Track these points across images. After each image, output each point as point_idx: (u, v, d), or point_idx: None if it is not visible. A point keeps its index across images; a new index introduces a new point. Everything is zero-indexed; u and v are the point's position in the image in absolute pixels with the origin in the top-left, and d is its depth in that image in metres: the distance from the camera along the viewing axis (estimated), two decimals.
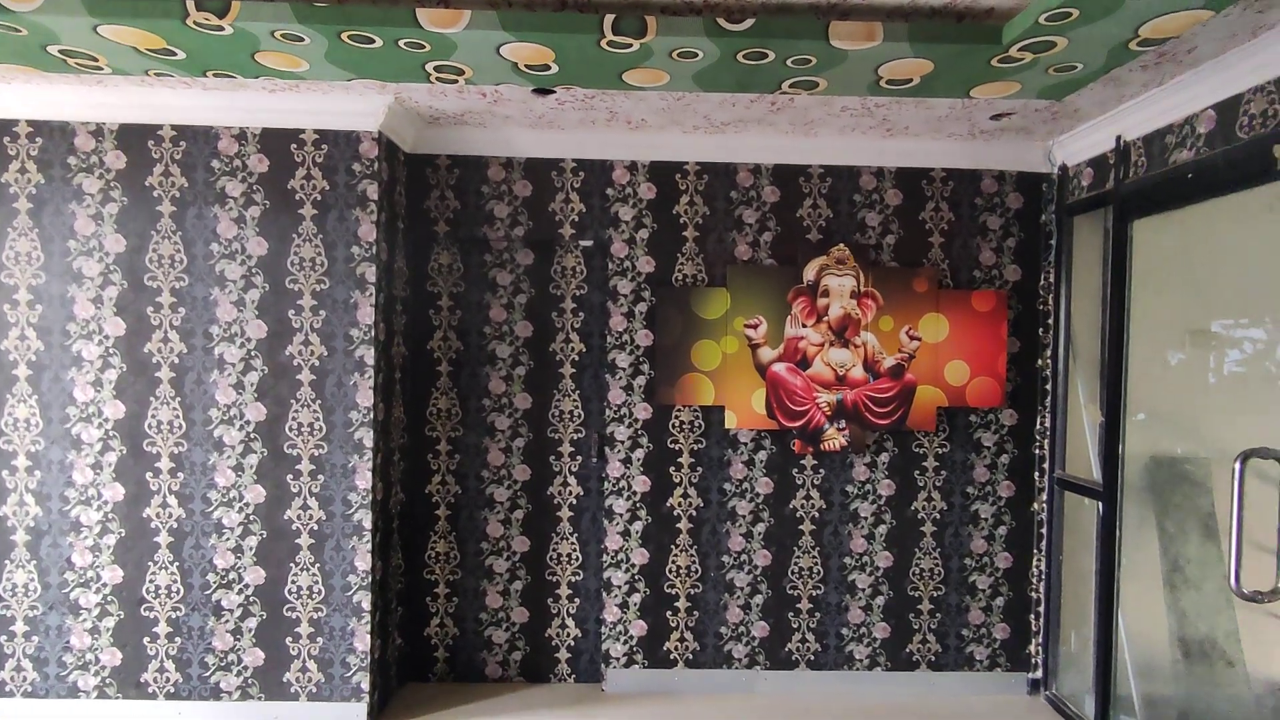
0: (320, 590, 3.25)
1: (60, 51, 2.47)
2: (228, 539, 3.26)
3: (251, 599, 3.25)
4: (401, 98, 3.14)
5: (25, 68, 2.70)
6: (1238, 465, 2.26)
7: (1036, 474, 3.73)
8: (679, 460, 3.68)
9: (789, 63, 2.38)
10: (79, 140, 3.23)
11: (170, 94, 3.12)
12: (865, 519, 3.71)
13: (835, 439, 3.61)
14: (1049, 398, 3.68)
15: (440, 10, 2.20)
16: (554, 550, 3.74)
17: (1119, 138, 3.13)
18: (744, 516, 3.69)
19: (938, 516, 3.72)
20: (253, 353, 3.25)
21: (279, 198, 3.24)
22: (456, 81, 2.67)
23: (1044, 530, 3.68)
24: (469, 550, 3.74)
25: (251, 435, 3.25)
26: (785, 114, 3.21)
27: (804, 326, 3.61)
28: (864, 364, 3.61)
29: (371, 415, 3.25)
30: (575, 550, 3.74)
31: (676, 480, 3.68)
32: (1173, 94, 2.76)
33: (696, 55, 2.35)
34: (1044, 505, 3.69)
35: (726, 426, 3.63)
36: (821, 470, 3.70)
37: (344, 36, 2.28)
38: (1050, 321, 3.69)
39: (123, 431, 3.25)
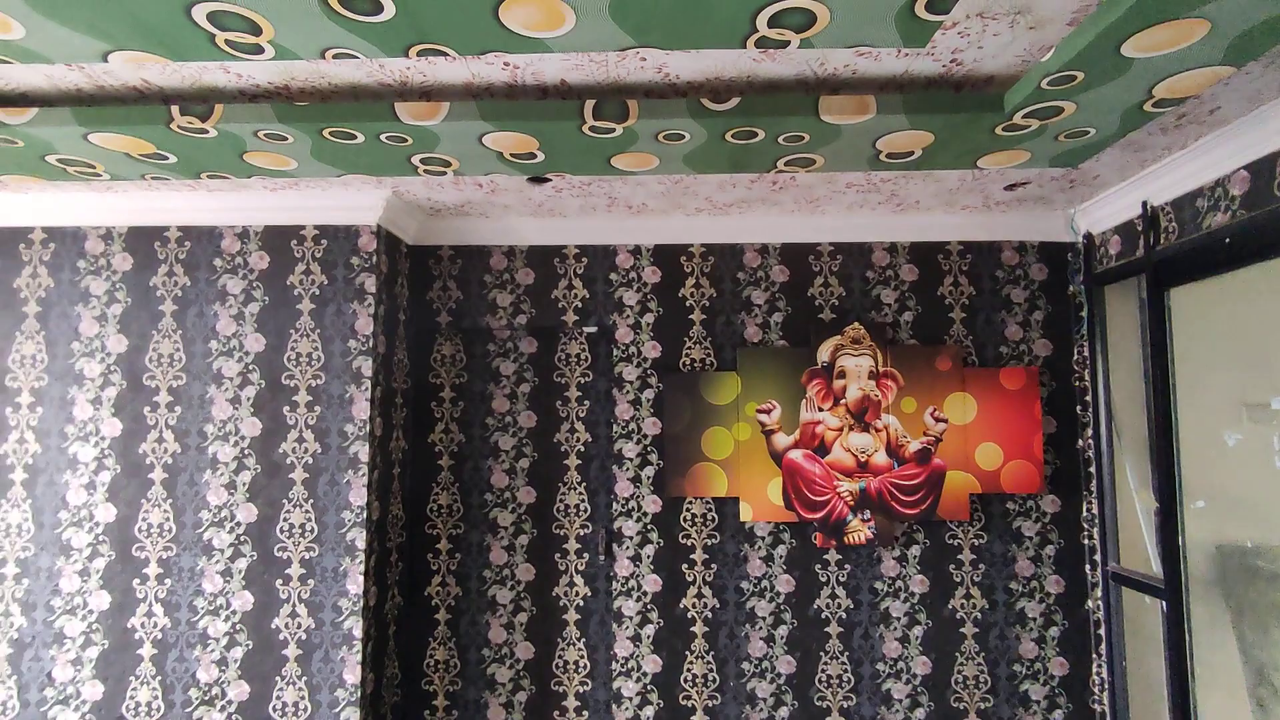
0: (307, 707, 3.02)
1: (59, 160, 2.51)
2: (213, 650, 3.07)
3: (234, 716, 3.03)
4: (399, 191, 3.14)
5: (32, 177, 2.76)
6: None
7: (1087, 567, 3.38)
8: (692, 557, 3.43)
9: (780, 140, 2.29)
10: (89, 244, 3.28)
11: (177, 196, 3.17)
12: (898, 619, 3.37)
13: (860, 531, 3.33)
14: (1094, 482, 3.37)
15: (419, 104, 2.18)
16: (560, 657, 3.47)
17: (1145, 203, 2.95)
18: (764, 618, 3.39)
19: (979, 616, 3.37)
20: (246, 451, 3.16)
21: (278, 293, 3.22)
22: (445, 173, 2.65)
23: (1102, 632, 3.30)
24: (470, 658, 3.48)
25: (242, 538, 3.12)
26: (789, 192, 3.12)
27: (820, 410, 3.40)
28: (887, 449, 3.36)
29: (365, 515, 3.10)
30: (583, 657, 3.46)
31: (690, 579, 3.42)
32: (1199, 155, 2.60)
33: (684, 137, 2.28)
34: (1099, 603, 3.32)
35: (742, 519, 3.39)
36: (847, 565, 3.40)
37: (326, 134, 2.26)
38: (1088, 399, 3.42)
39: (112, 536, 3.14)
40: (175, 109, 2.19)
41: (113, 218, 3.27)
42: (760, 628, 3.38)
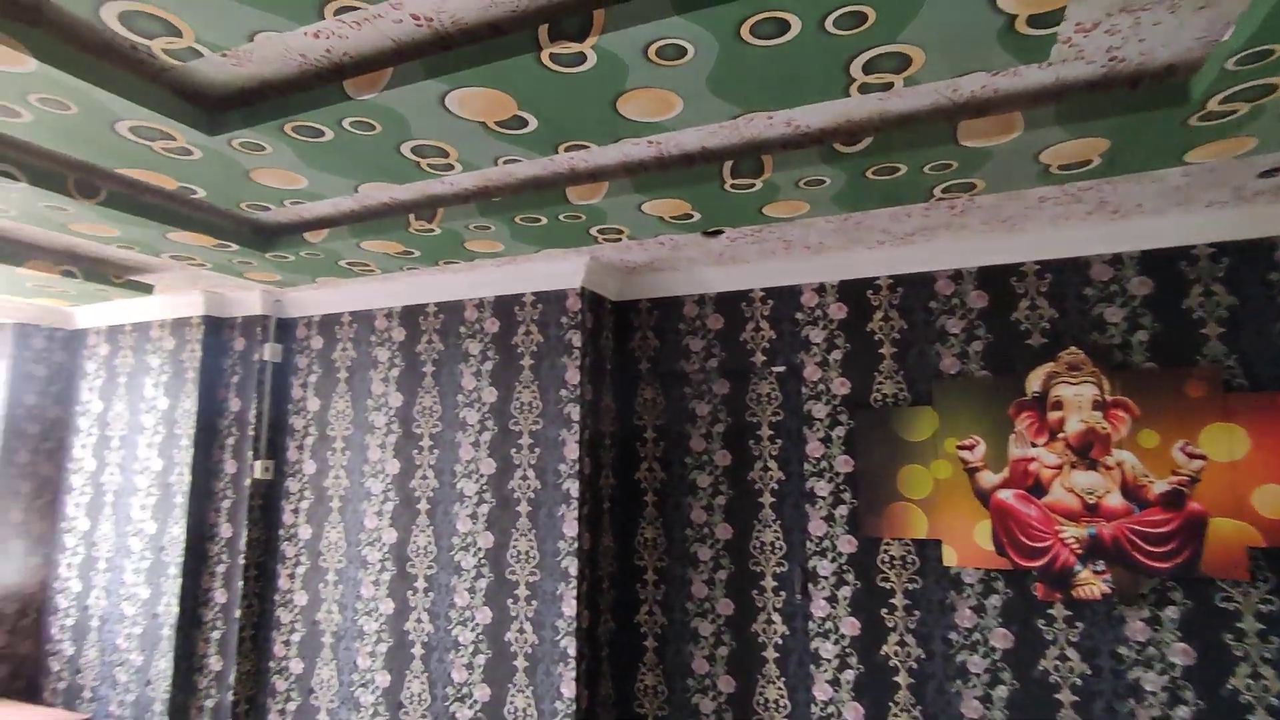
0: (534, 714, 3.45)
1: (346, 263, 3.32)
2: (463, 655, 3.66)
3: (479, 714, 3.56)
4: (595, 256, 3.57)
5: (332, 277, 3.66)
6: None
7: None
8: (891, 601, 3.28)
9: (926, 170, 2.24)
10: (378, 323, 4.20)
11: (431, 279, 3.94)
12: (1154, 695, 2.86)
13: (1092, 584, 2.92)
14: None
15: (583, 186, 2.53)
16: (760, 694, 3.50)
17: None
18: (978, 675, 3.10)
19: (1275, 703, 2.73)
20: (484, 487, 3.75)
21: (506, 352, 3.82)
22: (620, 239, 2.98)
23: None
24: (676, 686, 3.67)
25: (482, 561, 3.69)
26: (973, 214, 2.95)
27: (1033, 446, 3.08)
28: (1122, 489, 2.93)
29: (577, 545, 3.49)
30: (783, 696, 3.46)
31: (890, 624, 3.26)
32: None
33: (824, 181, 2.33)
34: None
35: (946, 564, 3.17)
36: (1079, 624, 2.99)
37: (518, 220, 2.72)
38: None
39: (394, 554, 3.92)
40: (411, 216, 2.81)
41: (389, 300, 4.15)
42: (974, 685, 3.10)
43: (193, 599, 4.19)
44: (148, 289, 3.87)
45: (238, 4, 1.44)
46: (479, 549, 3.71)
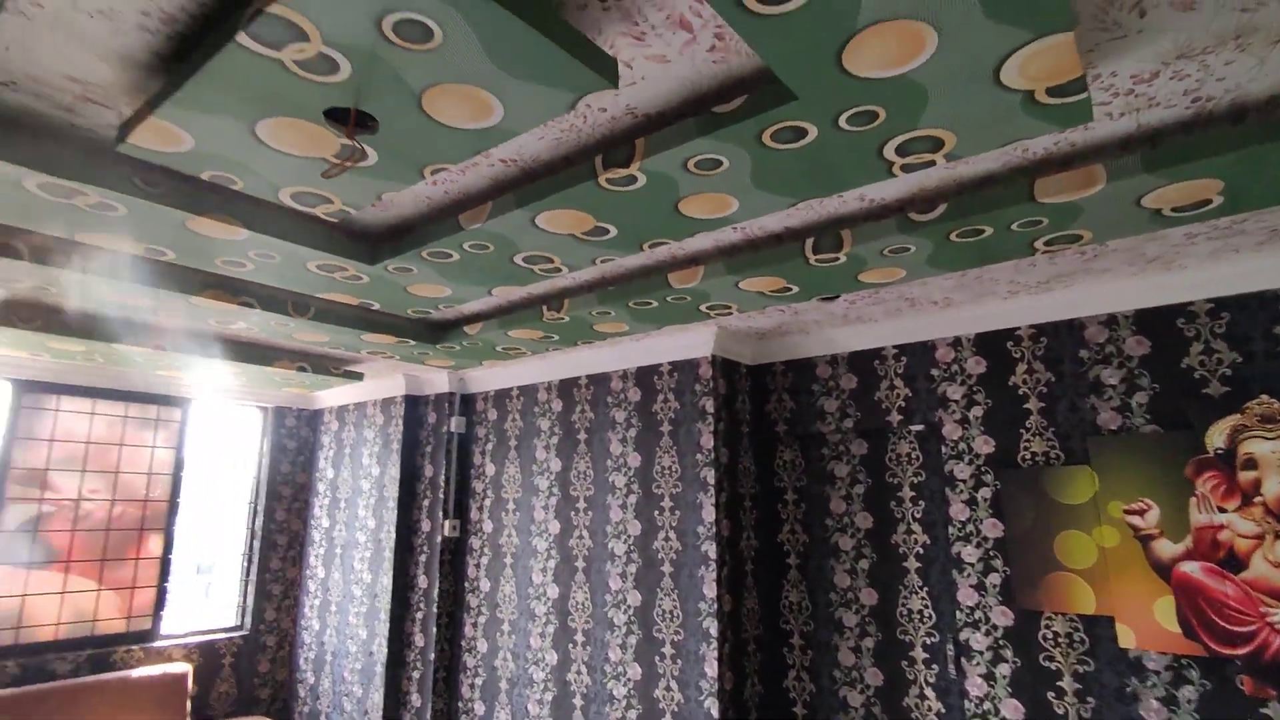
0: None
1: (501, 348, 3.81)
2: (616, 709, 3.86)
3: None
4: (723, 325, 3.75)
5: (495, 360, 4.19)
6: None
7: None
8: (1059, 684, 2.96)
9: (1014, 228, 2.17)
10: (540, 395, 4.69)
11: (580, 355, 4.35)
12: None
13: None
14: None
15: (683, 271, 2.75)
16: None
17: None
18: None
19: None
20: (631, 547, 3.99)
21: (647, 419, 4.08)
22: (730, 313, 3.14)
23: None
24: None
25: (631, 618, 3.91)
26: (1111, 258, 2.72)
27: (1221, 511, 2.68)
28: None
29: (717, 606, 3.58)
30: None
31: (1060, 711, 2.94)
32: None
33: (910, 249, 2.34)
34: None
35: (1122, 645, 2.82)
36: None
37: (631, 304, 3.00)
38: None
39: (556, 609, 4.27)
40: (544, 307, 3.20)
41: (549, 374, 4.62)
42: None
43: (398, 641, 4.85)
44: (359, 377, 4.70)
45: (369, 178, 1.88)
46: (629, 606, 3.93)
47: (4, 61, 1.57)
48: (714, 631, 3.55)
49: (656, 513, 3.92)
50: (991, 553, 3.21)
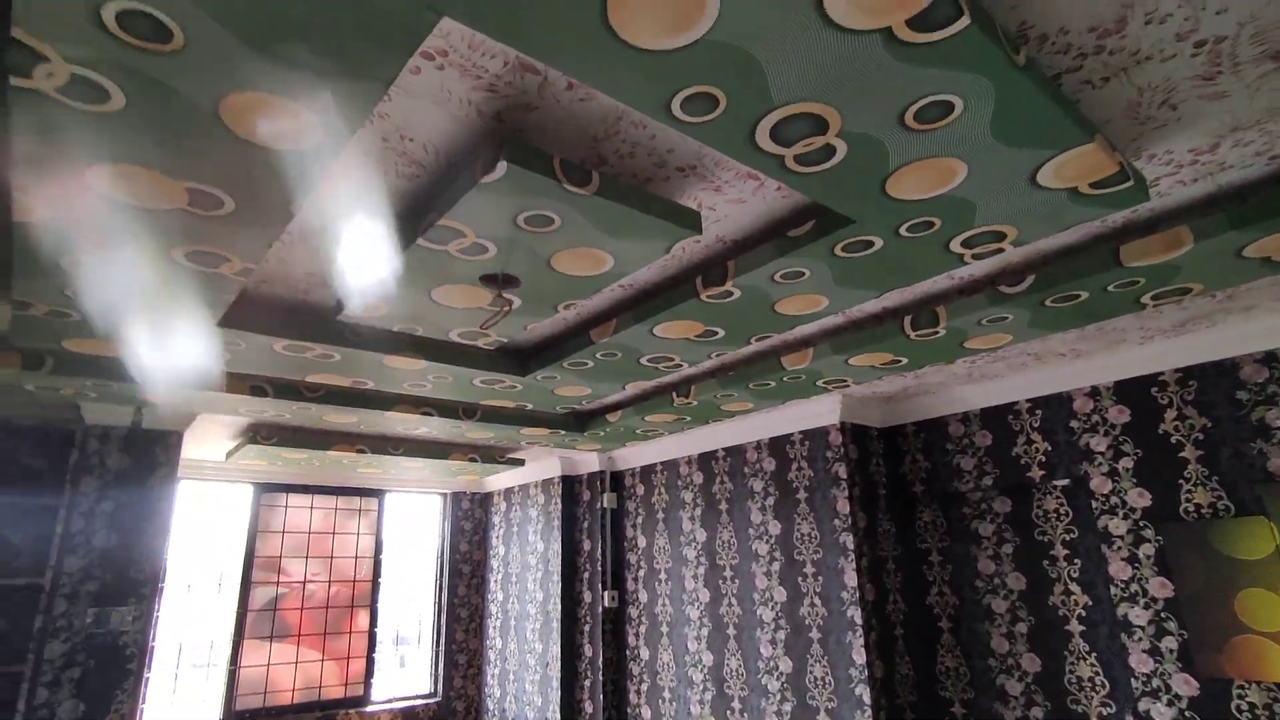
0: None
1: (641, 431, 4.17)
2: None
3: None
4: (847, 394, 3.88)
5: (637, 441, 4.56)
6: None
7: None
8: None
9: (1111, 289, 2.22)
10: (682, 469, 4.99)
11: (726, 425, 4.61)
12: None
13: None
14: None
15: (794, 354, 2.98)
16: None
17: None
18: None
19: None
20: (779, 614, 4.11)
21: (783, 488, 4.24)
22: (847, 386, 3.30)
23: None
24: None
25: (785, 685, 3.99)
26: (1253, 295, 2.61)
27: None
28: None
29: (867, 672, 3.60)
30: None
31: None
32: None
33: (1007, 318, 2.43)
34: None
35: None
36: None
37: (751, 386, 3.25)
38: None
39: (712, 676, 4.43)
40: (674, 393, 3.53)
41: (689, 449, 4.91)
42: None
43: (569, 708, 5.19)
44: (521, 462, 5.26)
45: (515, 316, 2.33)
46: (781, 673, 4.02)
47: (266, 269, 2.18)
48: (868, 699, 3.56)
49: (800, 579, 4.02)
50: (1163, 614, 3.02)
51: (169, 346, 2.46)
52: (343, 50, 1.15)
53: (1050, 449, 3.49)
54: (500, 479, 6.28)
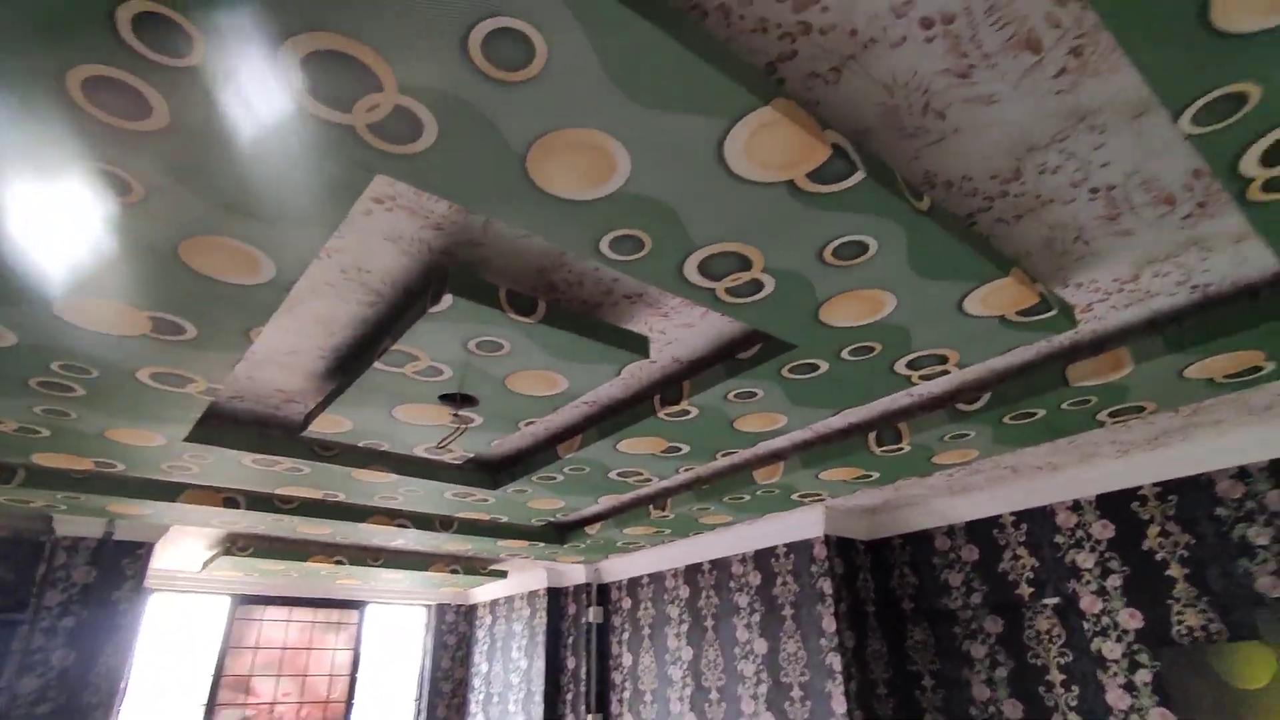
0: None
1: (621, 543, 4.10)
2: None
3: None
4: (829, 505, 3.83)
5: (619, 553, 4.47)
6: None
7: None
8: None
9: (1065, 407, 2.24)
10: (668, 582, 4.85)
11: (713, 536, 4.52)
12: None
13: None
14: None
15: (765, 468, 2.97)
16: None
17: None
18: None
19: None
20: None
21: (768, 603, 4.11)
22: (822, 499, 3.27)
23: None
24: None
25: None
26: (1216, 411, 2.63)
27: None
28: None
29: None
30: None
31: None
32: None
33: (969, 434, 2.45)
34: None
35: None
36: None
37: (726, 499, 3.23)
38: None
39: None
40: (651, 507, 3.50)
41: (676, 561, 4.79)
42: None
43: None
44: (504, 574, 5.14)
45: (479, 432, 2.36)
46: None
47: (238, 384, 2.24)
48: None
49: (787, 704, 3.82)
50: None
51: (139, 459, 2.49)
52: (286, 203, 1.25)
53: (1038, 564, 3.40)
54: (485, 590, 6.10)
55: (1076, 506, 3.32)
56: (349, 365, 2.07)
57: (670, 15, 0.95)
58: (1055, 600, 3.33)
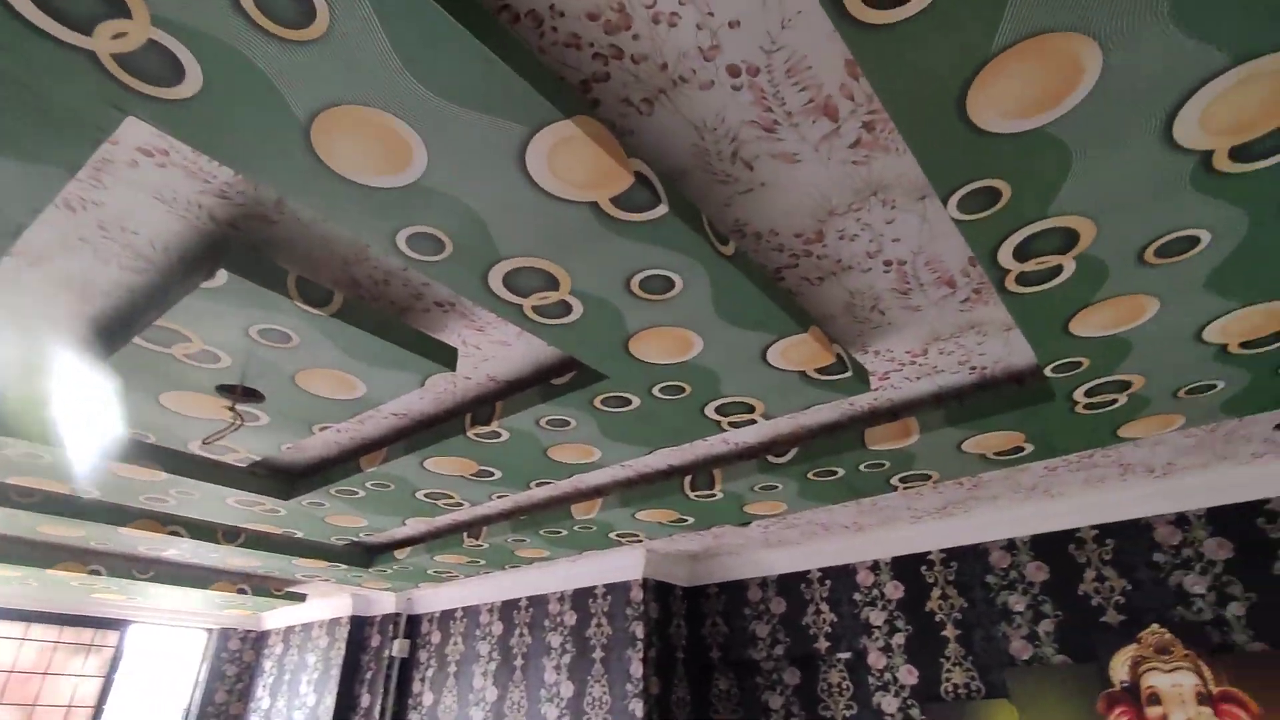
0: None
1: (433, 571, 3.87)
2: None
3: None
4: (650, 547, 3.83)
5: (434, 582, 4.22)
6: None
7: None
8: None
9: (862, 469, 2.37)
10: (482, 617, 4.62)
11: (533, 571, 4.37)
12: None
13: None
14: None
15: (584, 503, 2.92)
16: None
17: None
18: None
19: None
20: None
21: (581, 645, 4.01)
22: (639, 540, 3.26)
23: None
24: None
25: None
26: (994, 486, 2.89)
27: None
28: None
29: None
30: None
31: None
32: None
33: (777, 487, 2.53)
34: None
35: None
36: None
37: (542, 533, 3.13)
38: None
39: None
40: (465, 534, 3.33)
41: (493, 595, 4.59)
42: None
43: None
44: (301, 598, 4.69)
45: (266, 433, 2.14)
46: None
47: None
48: None
49: None
50: None
51: None
52: (13, 133, 1.06)
53: (836, 620, 3.56)
54: (279, 615, 5.55)
55: (875, 567, 3.52)
56: (111, 339, 1.81)
57: (469, 7, 0.91)
58: (847, 655, 3.48)
